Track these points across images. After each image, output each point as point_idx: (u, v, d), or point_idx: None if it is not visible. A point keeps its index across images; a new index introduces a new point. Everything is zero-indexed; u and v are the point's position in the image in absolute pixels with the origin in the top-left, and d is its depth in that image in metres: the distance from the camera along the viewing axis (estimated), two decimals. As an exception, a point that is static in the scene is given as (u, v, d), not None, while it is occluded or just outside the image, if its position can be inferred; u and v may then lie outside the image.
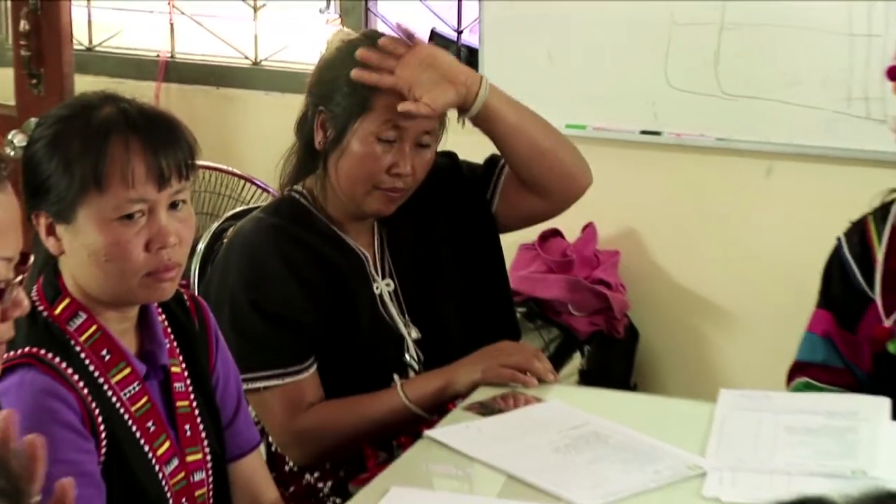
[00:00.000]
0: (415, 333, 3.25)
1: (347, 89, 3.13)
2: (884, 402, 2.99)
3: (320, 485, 3.17)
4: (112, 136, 2.43)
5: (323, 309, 3.15)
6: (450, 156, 3.40)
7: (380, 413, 3.12)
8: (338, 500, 3.01)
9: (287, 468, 3.19)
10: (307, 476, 3.18)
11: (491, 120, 3.22)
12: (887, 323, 3.15)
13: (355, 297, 3.20)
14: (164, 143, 2.47)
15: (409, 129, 3.10)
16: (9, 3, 4.38)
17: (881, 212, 3.23)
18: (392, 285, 3.25)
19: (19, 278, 2.03)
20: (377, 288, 3.24)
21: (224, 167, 4.36)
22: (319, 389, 3.15)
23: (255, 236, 3.19)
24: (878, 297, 3.18)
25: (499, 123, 3.24)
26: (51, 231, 2.47)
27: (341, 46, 3.26)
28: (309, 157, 3.24)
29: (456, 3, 4.47)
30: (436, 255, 3.32)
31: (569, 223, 3.30)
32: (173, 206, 2.49)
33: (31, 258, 2.52)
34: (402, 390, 3.12)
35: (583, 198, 3.43)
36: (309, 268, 3.17)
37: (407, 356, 3.22)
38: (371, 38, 3.22)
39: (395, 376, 3.15)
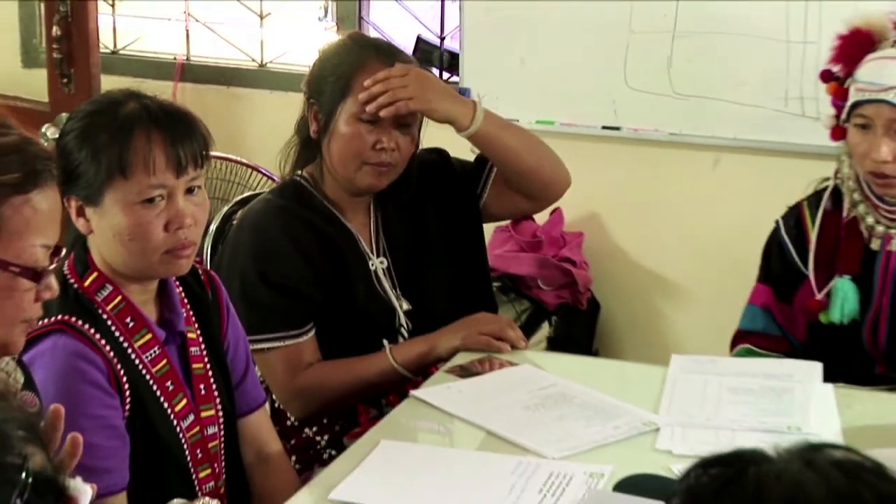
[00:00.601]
0: (405, 305, 3.26)
1: (332, 79, 3.17)
2: (816, 367, 3.00)
3: (318, 438, 3.17)
4: (136, 129, 2.44)
5: (322, 280, 3.16)
6: (440, 152, 3.41)
7: (371, 373, 3.13)
8: (333, 452, 3.00)
9: (289, 423, 3.19)
10: (306, 430, 3.18)
11: (485, 141, 3.24)
12: (819, 296, 3.16)
13: (352, 272, 3.21)
14: (182, 135, 2.48)
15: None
16: (43, 11, 4.36)
17: (814, 198, 3.25)
18: (385, 263, 3.26)
19: (52, 266, 2.03)
20: (372, 265, 3.25)
21: (233, 157, 4.34)
22: (317, 352, 3.16)
23: (264, 216, 3.20)
24: (811, 273, 3.19)
25: (492, 144, 3.26)
26: (80, 213, 2.48)
27: (327, 47, 3.34)
28: (307, 147, 3.26)
29: (439, 12, 4.46)
30: (425, 238, 3.32)
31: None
32: (189, 191, 2.50)
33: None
34: (391, 354, 3.13)
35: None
36: (311, 244, 3.17)
37: (397, 325, 3.23)
38: (353, 40, 3.28)
39: (385, 341, 3.16)
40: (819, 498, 1.25)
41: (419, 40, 4.46)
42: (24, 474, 1.35)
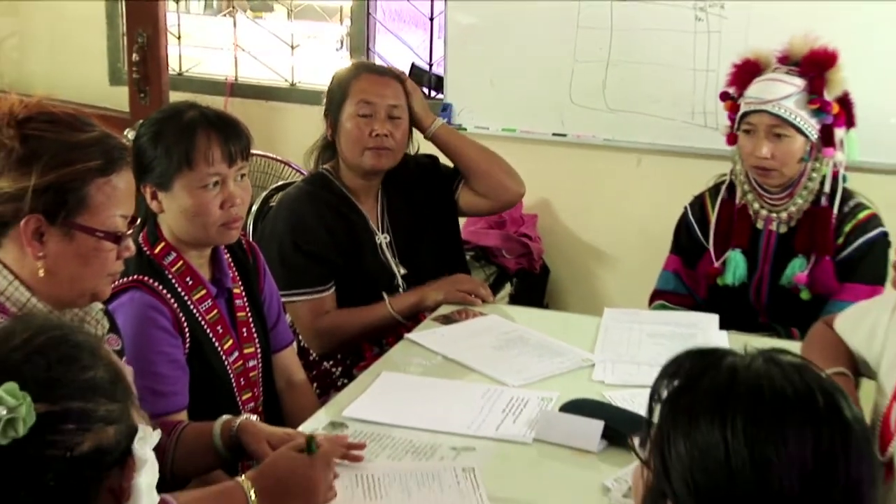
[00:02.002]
0: (403, 270, 3.25)
1: (337, 92, 3.22)
2: (713, 318, 3.02)
3: (333, 370, 3.17)
4: (198, 130, 2.46)
5: (341, 249, 3.16)
6: (432, 157, 3.42)
7: (374, 319, 3.15)
8: (345, 381, 2.98)
9: (311, 358, 3.18)
10: (324, 364, 3.18)
11: (440, 142, 3.31)
12: (717, 264, 3.16)
13: (363, 244, 3.21)
14: (232, 134, 2.50)
15: (379, 105, 3.16)
16: (125, 42, 4.33)
17: (714, 190, 3.24)
18: (388, 238, 3.26)
19: (129, 231, 2.02)
20: (378, 239, 3.24)
21: (270, 155, 4.33)
22: (335, 303, 3.17)
23: (296, 199, 3.22)
24: (711, 246, 3.19)
25: (446, 146, 3.32)
26: (154, 197, 2.49)
27: (335, 72, 3.34)
28: (326, 148, 3.30)
29: (429, 45, 4.44)
30: (418, 220, 3.32)
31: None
32: (238, 178, 2.51)
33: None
34: (390, 304, 3.14)
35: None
36: (333, 221, 3.18)
37: (395, 285, 3.23)
38: (354, 63, 3.32)
39: (384, 294, 3.17)
40: (779, 385, 1.26)
41: (413, 66, 4.44)
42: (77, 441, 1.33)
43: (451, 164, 3.38)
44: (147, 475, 1.39)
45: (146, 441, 1.39)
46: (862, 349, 2.51)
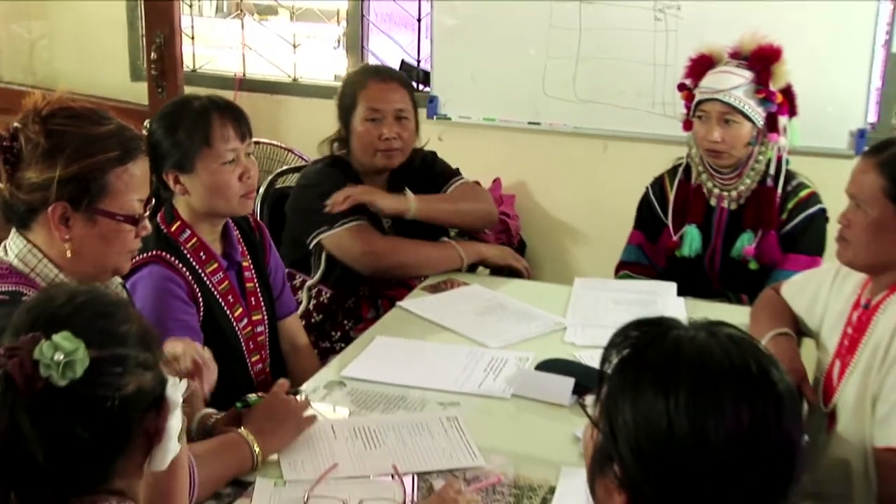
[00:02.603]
0: None
1: (347, 97, 3.16)
2: (672, 286, 3.02)
3: (332, 333, 3.13)
4: (211, 114, 2.46)
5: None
6: (433, 154, 3.35)
7: (438, 254, 3.17)
8: (342, 345, 2.96)
9: (312, 321, 3.13)
10: (325, 327, 3.14)
11: (423, 215, 3.13)
12: (675, 238, 3.16)
13: (372, 221, 3.13)
14: (239, 116, 2.52)
15: (385, 111, 3.10)
16: (144, 42, 4.30)
17: (672, 171, 3.23)
18: (388, 223, 3.19)
19: (146, 212, 2.02)
20: (386, 223, 3.18)
21: (274, 142, 4.31)
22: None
23: (319, 172, 3.19)
24: (669, 222, 3.18)
25: (429, 217, 3.16)
26: (177, 181, 2.48)
27: (344, 77, 3.34)
28: (340, 142, 3.23)
29: (416, 44, 4.41)
30: None
31: (485, 177, 3.29)
32: (246, 154, 2.51)
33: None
34: (458, 245, 3.22)
35: (493, 161, 3.42)
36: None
37: None
38: (360, 68, 3.27)
39: (449, 240, 3.25)
40: (719, 359, 1.25)
41: (402, 63, 4.42)
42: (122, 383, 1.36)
43: (447, 163, 3.33)
44: (176, 420, 1.42)
45: (177, 387, 1.42)
46: (804, 313, 2.52)
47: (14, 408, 1.28)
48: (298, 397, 2.20)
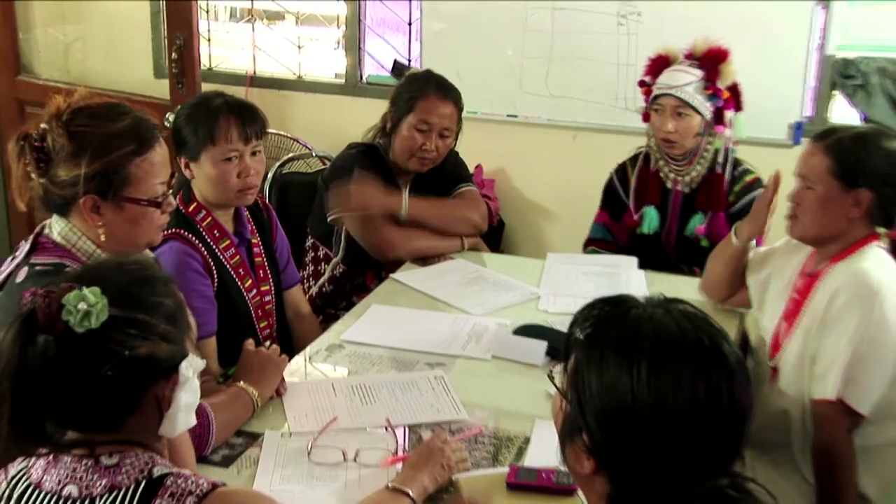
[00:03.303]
0: None
1: (405, 97, 3.01)
2: (633, 260, 3.02)
3: (339, 302, 3.07)
4: (220, 115, 2.42)
5: None
6: (456, 153, 3.20)
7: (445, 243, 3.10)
8: (345, 314, 2.91)
9: (323, 290, 3.09)
10: (333, 297, 3.10)
11: (413, 216, 3.03)
12: (635, 217, 3.15)
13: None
14: (248, 118, 2.45)
15: (434, 126, 2.98)
16: (166, 43, 4.25)
17: (633, 159, 3.21)
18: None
19: (169, 191, 2.00)
20: (402, 212, 3.04)
21: (282, 133, 4.27)
22: None
23: (353, 157, 3.04)
24: (631, 203, 3.17)
25: (419, 219, 3.04)
26: (186, 166, 2.46)
27: (411, 74, 3.21)
28: (383, 132, 3.08)
29: (408, 45, 4.36)
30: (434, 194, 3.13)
31: (468, 164, 3.26)
32: (253, 153, 2.47)
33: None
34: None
35: (475, 149, 3.37)
36: (380, 172, 3.04)
37: None
38: (426, 74, 3.14)
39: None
40: (675, 335, 1.24)
41: (395, 62, 4.36)
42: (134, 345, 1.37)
43: (464, 165, 3.25)
44: (188, 395, 1.42)
45: (192, 366, 1.41)
46: (753, 271, 2.55)
47: (26, 340, 1.31)
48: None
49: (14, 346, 1.31)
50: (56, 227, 1.94)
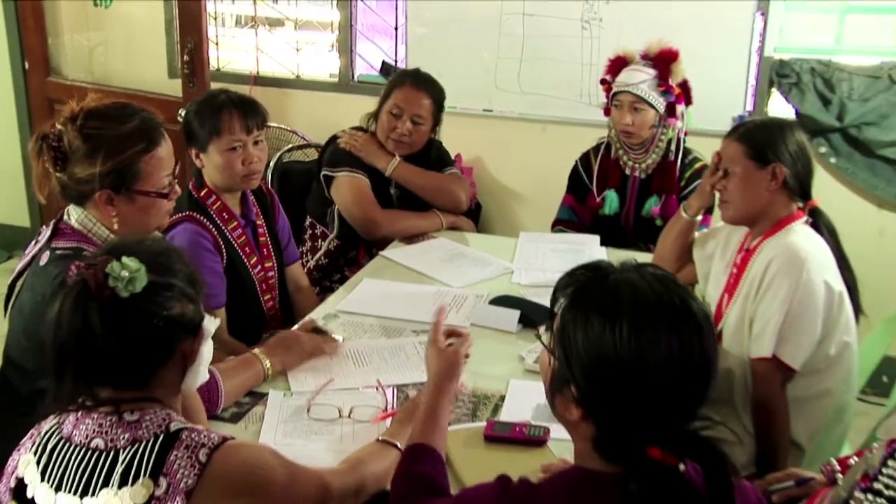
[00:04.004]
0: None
1: (388, 86, 3.04)
2: (596, 238, 3.01)
3: (334, 275, 3.07)
4: (223, 110, 2.40)
5: (370, 176, 3.03)
6: (439, 143, 3.20)
7: (425, 222, 3.07)
8: (339, 286, 2.90)
9: (320, 263, 3.06)
10: (329, 269, 3.08)
11: (398, 178, 3.02)
12: (598, 200, 3.14)
13: (383, 187, 3.04)
14: (250, 112, 2.43)
15: (406, 111, 2.97)
16: (178, 47, 4.19)
17: (596, 148, 3.19)
18: (397, 193, 3.08)
19: (175, 181, 1.98)
20: (392, 191, 3.07)
21: (282, 126, 4.24)
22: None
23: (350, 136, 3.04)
24: (594, 187, 3.16)
25: (403, 181, 3.03)
26: (197, 156, 2.44)
27: (396, 72, 3.24)
28: (375, 117, 3.06)
29: (394, 48, 4.32)
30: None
31: (450, 153, 3.26)
32: (256, 143, 2.45)
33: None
34: (440, 215, 3.10)
35: (455, 140, 3.35)
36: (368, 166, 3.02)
37: None
38: (407, 73, 3.12)
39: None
40: (650, 296, 1.24)
41: (383, 63, 4.33)
42: (169, 307, 1.39)
43: (448, 154, 3.21)
44: (207, 349, 1.45)
45: (212, 322, 1.45)
46: (699, 247, 2.55)
47: (86, 307, 1.32)
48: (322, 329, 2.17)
49: (74, 313, 1.32)
50: (74, 215, 1.92)
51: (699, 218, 2.59)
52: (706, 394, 1.24)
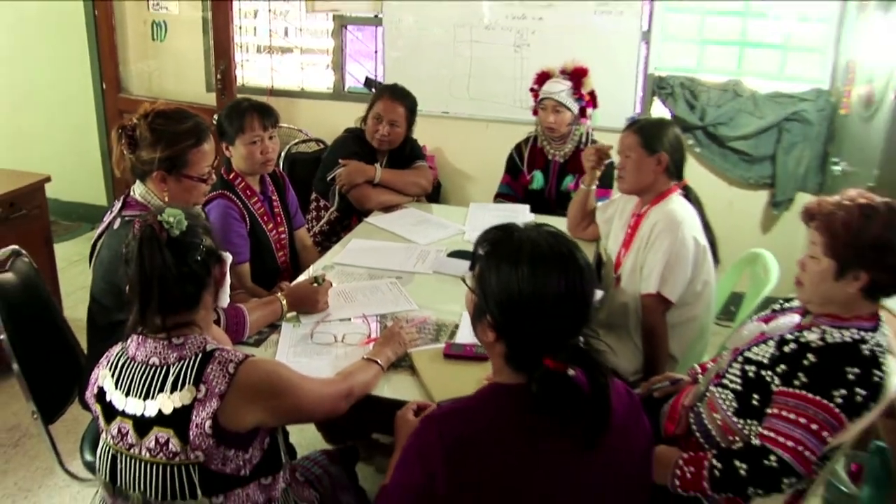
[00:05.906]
0: None
1: (373, 97, 2.91)
2: (527, 207, 2.95)
3: (333, 238, 2.93)
4: (247, 113, 2.31)
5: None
6: (414, 140, 3.03)
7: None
8: (334, 246, 2.80)
9: (322, 230, 2.92)
10: (329, 234, 2.94)
11: (384, 182, 2.87)
12: (528, 178, 3.07)
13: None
14: (266, 114, 2.34)
15: (384, 118, 2.84)
16: (213, 67, 4.02)
17: (526, 140, 3.11)
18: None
19: (213, 170, 1.93)
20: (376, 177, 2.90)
21: (291, 126, 4.11)
22: None
23: (345, 139, 2.92)
24: (525, 169, 3.09)
25: (388, 184, 2.88)
26: (227, 149, 2.35)
27: (380, 86, 3.05)
28: (364, 120, 2.91)
29: (375, 67, 4.18)
30: (399, 167, 2.97)
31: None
32: (271, 138, 2.35)
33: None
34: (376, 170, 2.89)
35: (421, 135, 3.23)
36: (361, 151, 2.89)
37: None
38: (386, 87, 2.94)
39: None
40: (545, 247, 1.21)
41: (367, 78, 4.20)
42: (204, 241, 1.39)
43: (419, 148, 3.05)
44: (229, 274, 1.45)
45: (228, 254, 1.46)
46: (601, 213, 2.50)
47: (157, 244, 1.32)
48: (318, 281, 2.04)
49: (151, 249, 1.32)
50: (138, 190, 1.88)
51: (593, 188, 2.57)
52: (587, 318, 1.22)
